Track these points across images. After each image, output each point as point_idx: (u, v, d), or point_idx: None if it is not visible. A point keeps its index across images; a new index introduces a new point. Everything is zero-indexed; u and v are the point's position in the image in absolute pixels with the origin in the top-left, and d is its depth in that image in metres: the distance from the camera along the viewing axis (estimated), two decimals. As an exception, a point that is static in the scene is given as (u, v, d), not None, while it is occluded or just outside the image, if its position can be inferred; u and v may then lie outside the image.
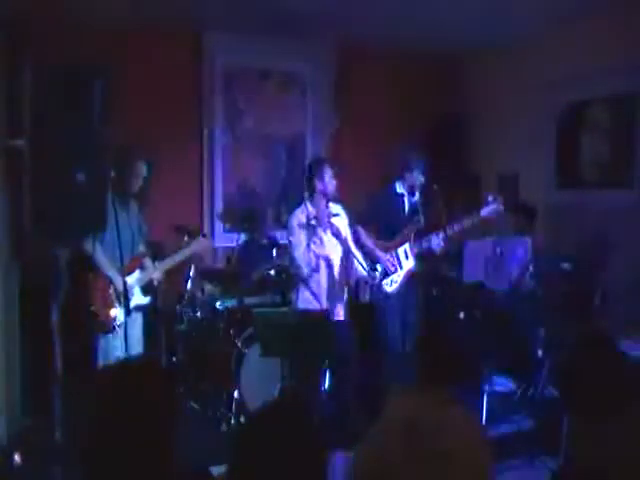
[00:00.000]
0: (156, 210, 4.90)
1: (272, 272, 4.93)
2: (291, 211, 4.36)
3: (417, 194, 4.55)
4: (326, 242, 4.19)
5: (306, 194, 4.27)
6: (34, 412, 4.27)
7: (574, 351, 2.18)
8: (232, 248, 5.41)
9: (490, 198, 4.51)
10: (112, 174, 3.69)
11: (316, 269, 4.17)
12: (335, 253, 4.22)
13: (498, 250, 4.53)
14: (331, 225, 4.12)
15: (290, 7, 4.99)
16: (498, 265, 4.50)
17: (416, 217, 4.53)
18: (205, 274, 5.26)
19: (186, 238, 4.94)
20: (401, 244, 4.52)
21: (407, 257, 4.52)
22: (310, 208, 4.20)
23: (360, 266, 4.18)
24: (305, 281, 4.20)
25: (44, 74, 3.09)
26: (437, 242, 4.43)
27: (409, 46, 6.10)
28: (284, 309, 4.48)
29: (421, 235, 4.51)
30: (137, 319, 4.04)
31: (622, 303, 4.70)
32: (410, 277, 4.54)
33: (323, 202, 4.16)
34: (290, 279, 4.60)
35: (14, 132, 3.76)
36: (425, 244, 4.47)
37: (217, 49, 5.73)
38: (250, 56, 5.85)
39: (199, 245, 4.33)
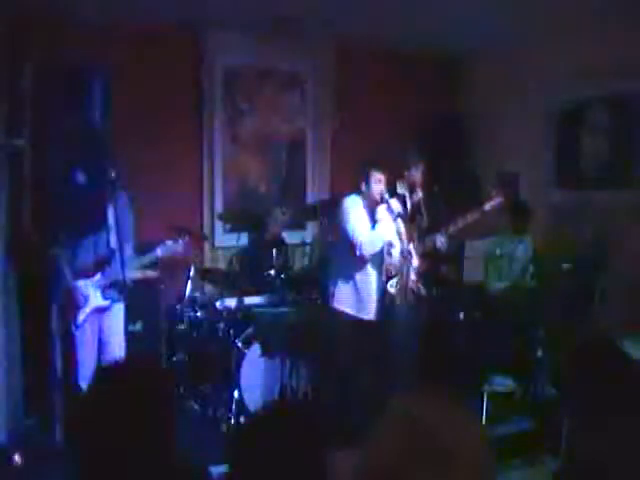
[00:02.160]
0: (156, 210, 4.90)
1: (272, 272, 4.93)
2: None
3: (419, 192, 4.53)
4: (389, 230, 4.23)
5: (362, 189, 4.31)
6: (34, 412, 4.27)
7: (574, 351, 2.18)
8: (235, 248, 5.40)
9: (492, 192, 4.52)
10: (113, 174, 3.64)
11: (380, 252, 4.20)
12: (397, 244, 4.24)
13: (498, 250, 4.54)
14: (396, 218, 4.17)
15: (290, 7, 4.99)
16: (498, 265, 4.51)
17: (418, 217, 4.52)
18: (206, 274, 5.26)
19: (186, 238, 4.94)
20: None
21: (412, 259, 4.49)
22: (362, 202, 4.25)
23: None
24: (356, 270, 4.20)
25: (44, 74, 3.09)
26: (441, 241, 4.41)
27: (409, 46, 6.10)
28: (284, 309, 4.48)
29: (424, 235, 4.49)
30: (109, 320, 3.92)
31: (622, 303, 4.70)
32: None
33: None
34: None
35: (14, 132, 3.76)
36: (429, 243, 4.46)
37: (217, 49, 5.72)
38: (250, 56, 5.83)
39: (165, 250, 4.04)
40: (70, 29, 4.88)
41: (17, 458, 3.69)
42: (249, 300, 4.88)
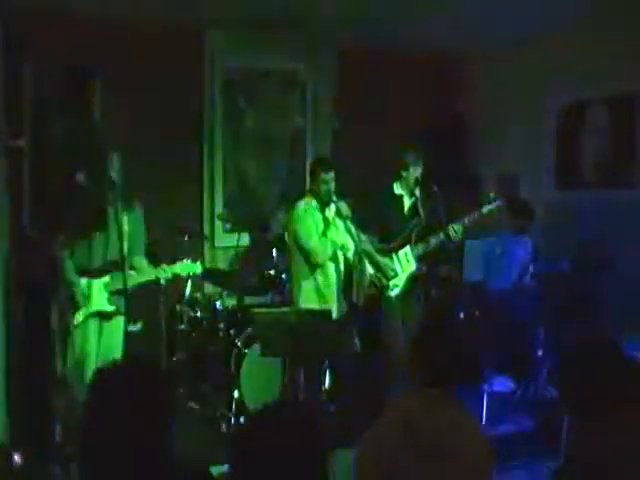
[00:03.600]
0: (156, 210, 4.90)
1: (272, 272, 4.93)
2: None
3: (417, 192, 4.52)
4: (341, 232, 4.22)
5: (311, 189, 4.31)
6: (34, 412, 4.27)
7: (574, 351, 2.19)
8: (235, 248, 5.40)
9: (491, 195, 4.51)
10: (113, 174, 3.63)
11: (332, 257, 4.20)
12: (351, 245, 4.23)
13: (498, 250, 4.53)
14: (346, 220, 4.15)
15: (290, 7, 4.99)
16: (498, 265, 4.50)
17: (416, 218, 4.51)
18: (206, 274, 5.26)
19: (186, 238, 4.95)
20: (401, 247, 4.49)
21: (408, 260, 4.49)
22: (315, 202, 4.24)
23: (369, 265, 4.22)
24: (315, 271, 4.20)
25: (44, 74, 3.10)
26: (454, 229, 4.37)
27: (409, 46, 6.10)
28: (284, 309, 4.47)
29: (421, 237, 4.48)
30: (110, 327, 3.83)
31: (622, 303, 4.70)
32: (411, 280, 4.51)
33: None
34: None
35: (14, 132, 3.77)
36: (426, 246, 4.44)
37: (217, 49, 5.72)
38: (250, 56, 5.84)
39: (185, 268, 3.91)
40: (70, 29, 4.89)
41: (17, 458, 3.69)
42: (249, 300, 4.88)
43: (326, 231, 4.21)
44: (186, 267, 3.90)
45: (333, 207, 4.19)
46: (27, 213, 3.64)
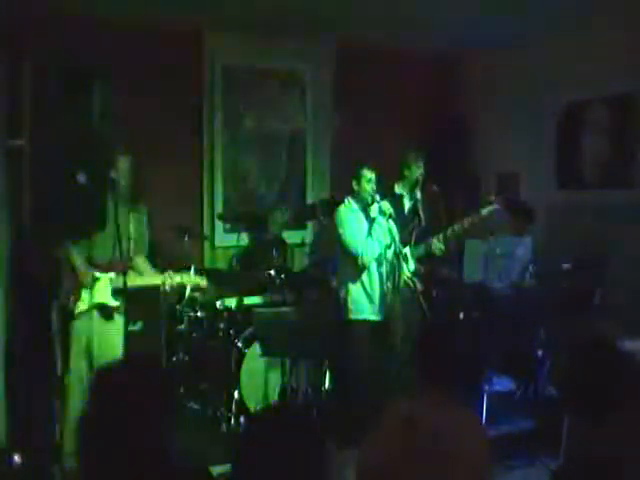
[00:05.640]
0: (156, 210, 4.89)
1: (272, 272, 4.92)
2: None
3: (418, 192, 4.53)
4: (385, 231, 4.24)
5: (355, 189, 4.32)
6: (34, 412, 4.27)
7: (574, 351, 2.19)
8: (235, 248, 5.40)
9: (490, 197, 4.51)
10: (114, 175, 3.63)
11: (379, 258, 4.22)
12: (392, 245, 4.24)
13: (498, 250, 4.52)
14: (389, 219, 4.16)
15: (290, 7, 4.99)
16: (498, 265, 4.49)
17: (416, 218, 4.52)
18: (206, 274, 5.25)
19: (186, 238, 4.95)
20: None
21: (407, 261, 4.49)
22: (355, 204, 4.27)
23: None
24: (362, 271, 4.21)
25: (44, 74, 3.10)
26: (438, 245, 4.41)
27: (409, 46, 6.10)
28: (284, 309, 4.48)
29: (421, 237, 4.49)
30: (113, 322, 3.81)
31: (622, 303, 4.70)
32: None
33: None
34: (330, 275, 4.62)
35: (14, 132, 3.77)
36: (426, 247, 4.45)
37: (217, 49, 5.73)
38: (250, 56, 5.84)
39: (189, 280, 4.04)
40: (70, 29, 4.89)
41: (17, 458, 3.69)
42: (249, 300, 4.88)
43: (371, 231, 4.23)
44: (191, 279, 4.01)
45: (376, 206, 4.21)
46: (27, 213, 3.64)
